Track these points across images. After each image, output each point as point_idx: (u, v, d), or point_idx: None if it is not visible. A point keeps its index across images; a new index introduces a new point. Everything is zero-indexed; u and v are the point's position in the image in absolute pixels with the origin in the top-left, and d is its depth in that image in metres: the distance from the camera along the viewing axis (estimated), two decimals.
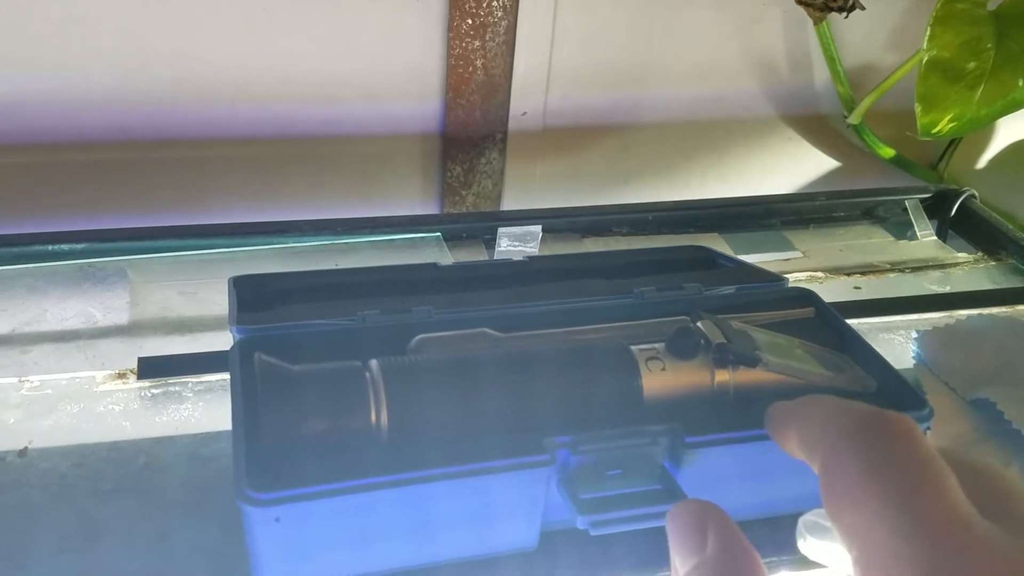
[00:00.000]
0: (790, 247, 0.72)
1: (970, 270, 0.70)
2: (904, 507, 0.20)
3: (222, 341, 0.53)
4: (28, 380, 0.50)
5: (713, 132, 0.83)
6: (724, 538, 0.22)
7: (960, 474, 0.21)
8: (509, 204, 0.80)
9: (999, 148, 0.88)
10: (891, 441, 0.21)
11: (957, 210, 0.75)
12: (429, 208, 0.80)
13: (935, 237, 0.74)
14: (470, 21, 0.70)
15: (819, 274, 0.67)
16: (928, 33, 0.70)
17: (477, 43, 0.71)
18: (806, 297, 0.49)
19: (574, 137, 0.79)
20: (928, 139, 0.72)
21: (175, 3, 0.65)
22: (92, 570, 0.39)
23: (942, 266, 0.70)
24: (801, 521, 0.27)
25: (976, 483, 0.21)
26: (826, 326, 0.47)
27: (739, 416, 0.39)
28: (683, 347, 0.40)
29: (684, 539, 0.23)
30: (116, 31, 0.65)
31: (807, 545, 0.27)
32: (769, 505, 0.41)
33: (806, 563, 0.28)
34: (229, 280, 0.48)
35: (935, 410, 0.40)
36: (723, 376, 0.40)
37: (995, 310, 0.62)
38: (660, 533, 0.40)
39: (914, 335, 0.58)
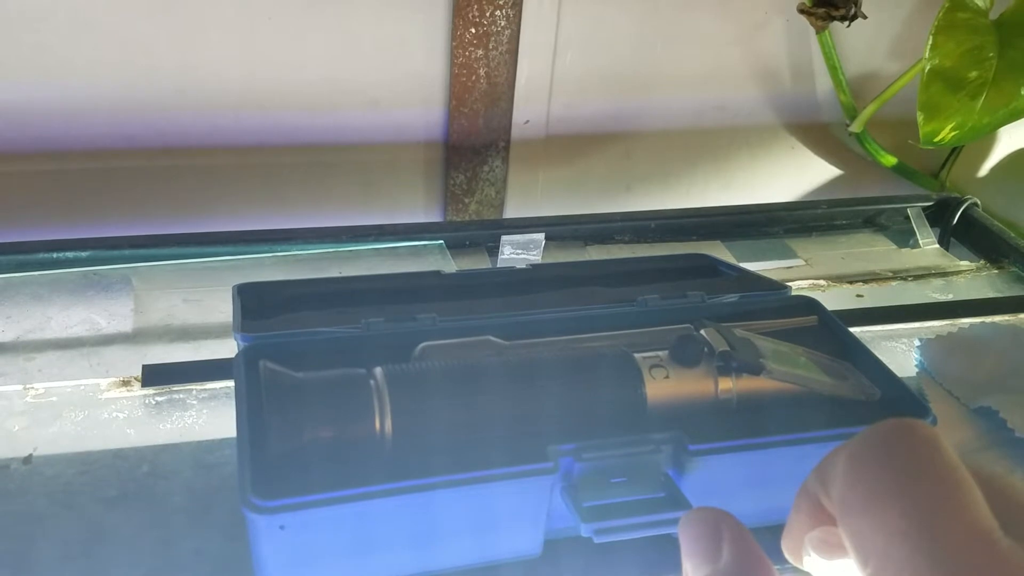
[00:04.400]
0: (792, 255, 0.72)
1: (972, 278, 0.70)
2: (927, 523, 0.19)
3: (226, 349, 0.53)
4: (32, 387, 0.50)
5: (715, 140, 0.83)
6: (739, 549, 0.22)
7: (981, 487, 0.20)
8: (512, 212, 0.80)
9: (1001, 156, 0.88)
10: (915, 449, 0.20)
11: (959, 218, 0.75)
12: (432, 216, 0.80)
13: (937, 245, 0.74)
14: (473, 30, 0.70)
15: (821, 282, 0.68)
16: (930, 42, 0.70)
17: (480, 52, 0.71)
18: (809, 305, 0.49)
19: (577, 145, 0.80)
20: (930, 148, 0.72)
21: (181, 12, 0.65)
22: None
23: (944, 274, 0.70)
24: (807, 538, 0.26)
25: (996, 497, 0.20)
26: (829, 334, 0.47)
27: (742, 424, 0.39)
28: (687, 355, 0.40)
29: (697, 547, 0.23)
30: (122, 40, 0.65)
31: (811, 561, 0.26)
32: (772, 513, 0.40)
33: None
34: (233, 288, 0.48)
35: (938, 418, 0.40)
36: (726, 384, 0.40)
37: (998, 318, 0.62)
38: (664, 540, 0.40)
39: (917, 343, 0.58)
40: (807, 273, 0.69)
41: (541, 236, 0.67)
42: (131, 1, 0.64)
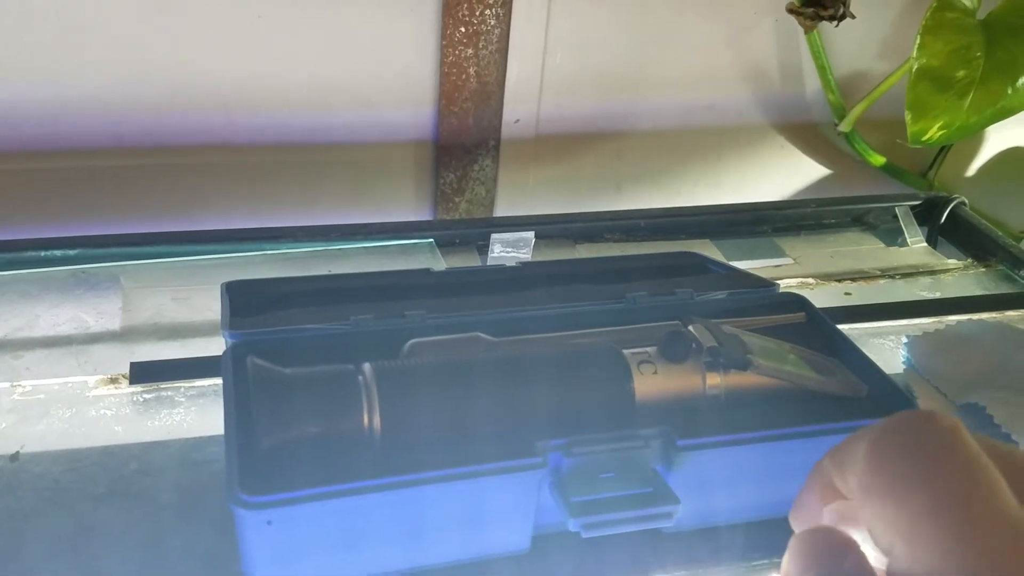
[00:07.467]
0: (781, 254, 0.72)
1: (960, 276, 0.70)
2: (955, 507, 0.19)
3: (215, 347, 0.53)
4: (20, 385, 0.50)
5: (705, 140, 0.83)
6: (862, 565, 0.21)
7: (1001, 463, 0.20)
8: (502, 211, 0.81)
9: (988, 155, 0.89)
10: (939, 437, 0.20)
11: (947, 217, 0.75)
12: (422, 214, 0.80)
13: (925, 244, 0.75)
14: (463, 29, 0.70)
15: (810, 280, 0.68)
16: (918, 42, 0.71)
17: (470, 51, 0.71)
18: (797, 302, 0.49)
19: (567, 144, 0.80)
20: (918, 146, 0.73)
21: (172, 11, 0.65)
22: (84, 575, 0.39)
23: (932, 272, 0.70)
24: (825, 510, 0.26)
25: (1015, 473, 0.20)
26: (817, 331, 0.47)
27: (730, 419, 0.39)
28: (675, 351, 0.40)
29: (815, 555, 0.22)
30: (113, 39, 0.65)
31: None
32: (760, 508, 0.41)
33: None
34: (222, 285, 0.48)
35: None
36: (714, 380, 0.40)
37: (984, 315, 0.62)
38: (651, 535, 0.40)
39: (904, 340, 0.58)
40: (796, 271, 0.69)
41: (531, 234, 0.67)
42: (122, 1, 0.64)
